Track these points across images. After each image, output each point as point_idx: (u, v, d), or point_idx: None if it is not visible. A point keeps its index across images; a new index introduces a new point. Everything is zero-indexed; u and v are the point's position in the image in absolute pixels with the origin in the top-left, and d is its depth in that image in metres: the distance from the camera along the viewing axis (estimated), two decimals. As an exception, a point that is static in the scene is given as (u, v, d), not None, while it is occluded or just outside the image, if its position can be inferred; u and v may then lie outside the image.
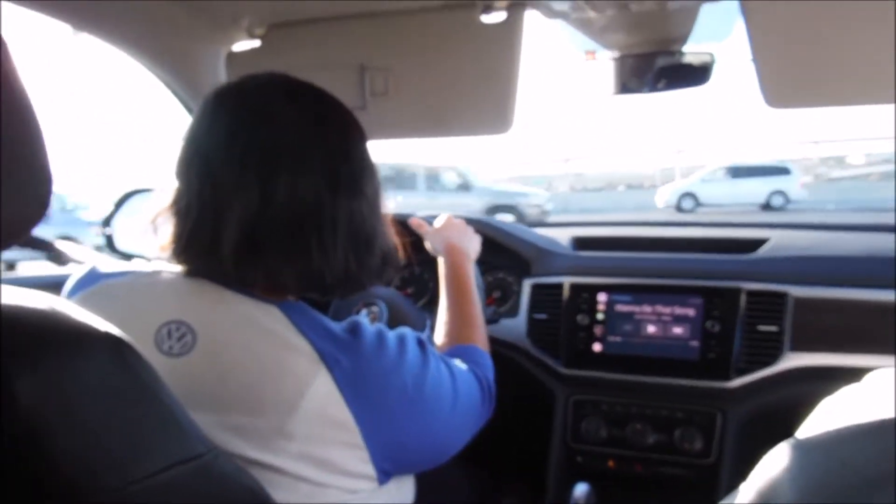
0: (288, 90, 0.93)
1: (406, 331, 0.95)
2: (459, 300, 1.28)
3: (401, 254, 1.04)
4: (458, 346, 1.15)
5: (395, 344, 0.90)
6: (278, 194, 0.85)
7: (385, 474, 0.89)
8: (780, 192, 17.14)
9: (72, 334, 0.60)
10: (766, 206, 17.10)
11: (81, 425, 0.57)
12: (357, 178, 0.92)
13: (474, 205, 13.39)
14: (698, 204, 18.00)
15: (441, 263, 1.38)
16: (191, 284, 0.90)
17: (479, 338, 1.22)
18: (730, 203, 17.22)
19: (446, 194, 14.02)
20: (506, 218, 11.59)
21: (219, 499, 0.67)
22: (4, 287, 0.63)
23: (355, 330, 0.88)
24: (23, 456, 0.54)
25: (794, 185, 17.34)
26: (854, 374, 0.55)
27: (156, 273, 0.93)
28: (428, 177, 14.86)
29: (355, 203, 0.91)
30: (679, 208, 18.26)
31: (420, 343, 0.94)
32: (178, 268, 0.91)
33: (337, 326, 0.88)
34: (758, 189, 17.31)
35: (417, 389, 0.90)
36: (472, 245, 1.44)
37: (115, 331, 0.61)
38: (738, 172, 18.23)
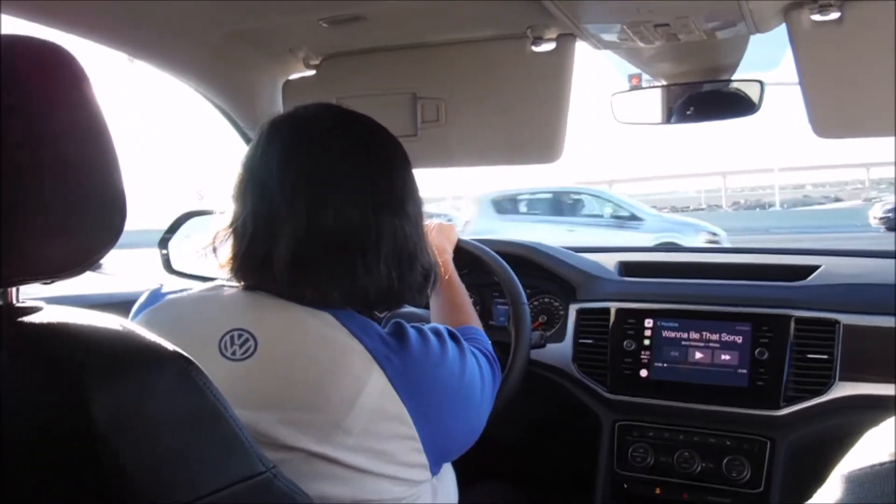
0: (337, 120, 1.01)
1: (438, 326, 1.02)
2: (445, 289, 1.35)
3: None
4: (458, 329, 1.20)
5: (435, 341, 0.97)
6: (325, 218, 0.92)
7: (435, 464, 0.95)
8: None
9: (144, 355, 0.63)
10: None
11: (153, 442, 0.60)
12: (400, 199, 0.99)
13: (643, 241, 10.80)
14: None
15: None
16: (249, 297, 0.96)
17: (470, 318, 1.30)
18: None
19: (598, 230, 11.12)
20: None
21: None
22: (76, 310, 0.67)
23: (400, 331, 0.94)
24: (97, 471, 0.57)
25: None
26: (906, 405, 0.56)
27: (217, 288, 1.00)
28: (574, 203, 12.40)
29: (398, 223, 0.97)
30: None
31: (452, 336, 1.01)
32: (236, 283, 0.98)
33: (382, 329, 0.94)
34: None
35: (459, 380, 0.98)
36: (446, 237, 1.49)
37: (183, 352, 0.64)
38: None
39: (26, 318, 0.64)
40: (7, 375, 0.60)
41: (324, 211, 0.92)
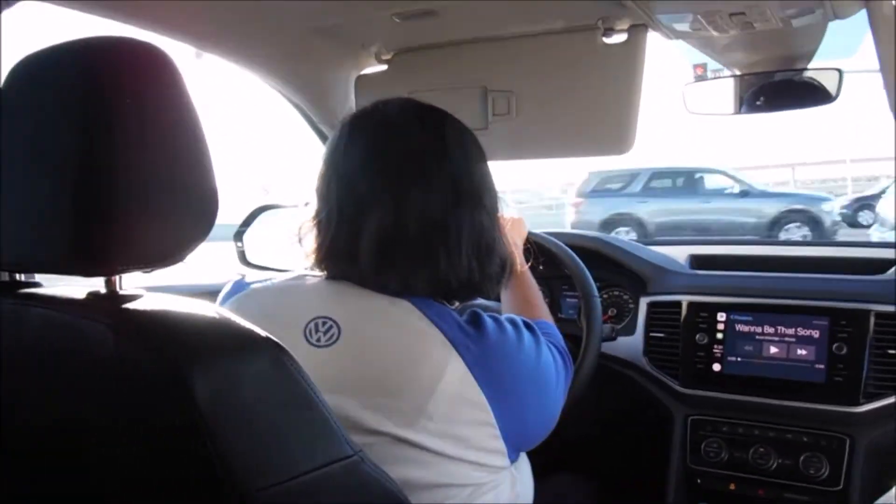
0: (417, 113, 1.03)
1: (514, 316, 1.03)
2: (517, 285, 1.36)
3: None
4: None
5: (511, 329, 0.98)
6: (409, 209, 0.94)
7: (513, 451, 0.97)
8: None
9: (240, 341, 0.66)
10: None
11: (247, 424, 0.62)
12: (478, 192, 1.01)
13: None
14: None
15: None
16: (332, 286, 1.00)
17: (543, 313, 1.30)
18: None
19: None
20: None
21: (362, 500, 0.71)
22: (171, 297, 0.70)
23: (477, 319, 0.96)
24: (192, 450, 0.59)
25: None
26: None
27: (300, 277, 1.04)
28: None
29: (477, 215, 0.99)
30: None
31: (528, 326, 1.02)
32: (319, 273, 1.02)
33: (460, 317, 0.96)
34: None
35: (535, 368, 0.99)
36: (516, 232, 1.48)
37: (275, 339, 0.67)
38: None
39: (130, 305, 0.68)
40: (114, 360, 0.64)
41: (407, 204, 0.94)
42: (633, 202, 11.53)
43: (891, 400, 1.51)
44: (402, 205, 0.95)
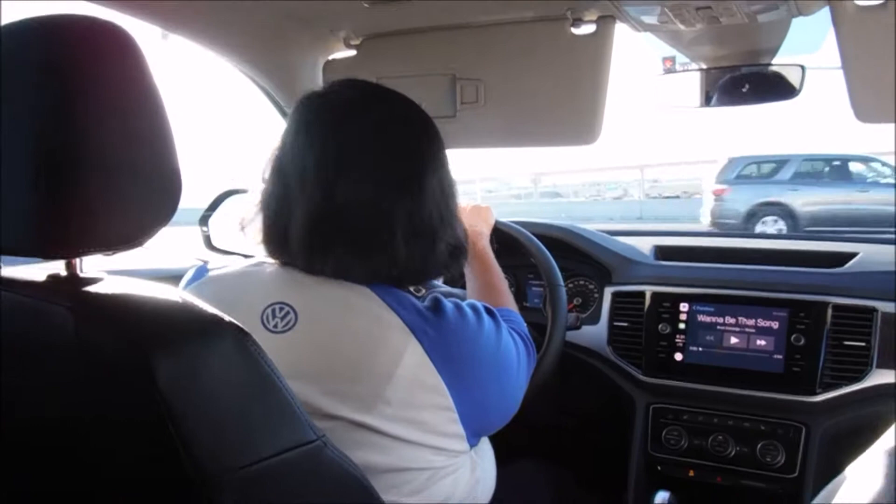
0: (361, 97, 1.02)
1: (475, 302, 1.03)
2: (482, 272, 1.37)
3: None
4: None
5: (472, 314, 0.98)
6: (339, 195, 0.93)
7: (473, 435, 0.97)
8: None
9: (203, 324, 0.65)
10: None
11: (210, 408, 0.62)
12: (419, 177, 0.98)
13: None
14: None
15: None
16: (289, 272, 0.99)
17: (507, 300, 1.31)
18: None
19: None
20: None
21: (325, 484, 0.71)
22: (135, 280, 0.70)
23: (437, 304, 0.96)
24: (155, 434, 0.59)
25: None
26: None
27: (259, 264, 1.03)
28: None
29: (417, 201, 0.97)
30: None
31: (489, 311, 1.02)
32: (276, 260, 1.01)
33: (420, 303, 0.96)
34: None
35: (495, 353, 1.00)
36: (483, 220, 1.50)
37: (239, 323, 0.66)
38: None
39: (91, 288, 0.67)
40: (75, 343, 0.63)
41: (338, 186, 0.93)
42: (783, 190, 10.59)
43: (846, 390, 1.55)
44: (332, 191, 0.93)
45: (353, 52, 1.74)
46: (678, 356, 1.70)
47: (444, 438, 0.93)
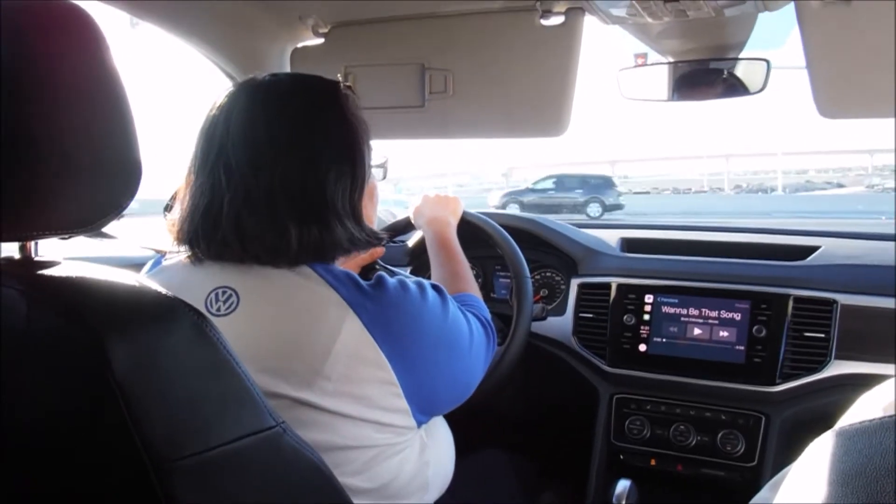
0: (289, 85, 1.03)
1: (423, 280, 1.03)
2: (447, 260, 1.38)
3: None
4: (455, 296, 1.21)
5: (416, 289, 0.99)
6: (261, 179, 0.94)
7: (419, 412, 0.98)
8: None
9: (159, 308, 0.65)
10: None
11: (166, 393, 0.61)
12: (350, 161, 1.00)
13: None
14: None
15: (426, 235, 1.48)
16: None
17: (470, 287, 1.31)
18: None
19: None
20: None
21: (284, 470, 0.71)
22: (92, 265, 0.69)
23: (379, 281, 0.97)
24: (111, 419, 0.58)
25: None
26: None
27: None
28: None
29: (345, 184, 0.99)
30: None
31: (437, 288, 1.03)
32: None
33: (362, 280, 0.96)
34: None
35: (440, 330, 1.00)
36: (450, 210, 1.52)
37: (197, 307, 0.66)
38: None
39: (46, 272, 0.66)
40: (28, 327, 0.62)
41: (271, 171, 0.94)
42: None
43: (805, 380, 1.58)
44: (266, 173, 0.94)
45: (321, 41, 1.73)
46: (642, 347, 1.72)
47: (387, 413, 0.94)
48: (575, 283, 1.85)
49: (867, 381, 1.52)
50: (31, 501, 0.64)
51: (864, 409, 0.50)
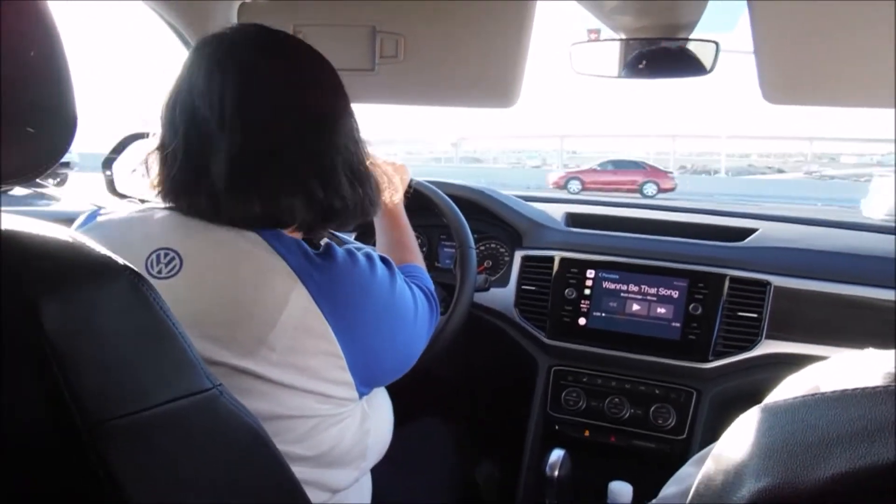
0: (264, 38, 0.99)
1: (371, 250, 1.03)
2: (392, 228, 1.38)
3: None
4: (399, 267, 1.21)
5: (364, 261, 0.98)
6: (259, 135, 0.92)
7: (362, 384, 0.97)
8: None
9: (95, 265, 0.62)
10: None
11: (99, 353, 0.59)
12: (335, 119, 0.98)
13: None
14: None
15: None
16: (180, 219, 0.96)
17: (415, 257, 1.32)
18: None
19: None
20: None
21: (220, 432, 0.70)
22: (25, 219, 0.66)
23: (328, 250, 0.96)
24: (42, 379, 0.57)
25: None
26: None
27: (149, 209, 0.99)
28: None
29: (334, 144, 0.97)
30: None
31: (385, 261, 1.02)
32: (168, 205, 0.98)
33: (311, 249, 0.95)
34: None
35: (387, 301, 0.99)
36: (398, 179, 1.49)
37: (133, 267, 0.64)
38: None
39: None
40: None
41: (254, 132, 0.91)
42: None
43: (736, 358, 1.63)
44: (250, 133, 0.91)
45: (270, -2, 1.68)
46: (582, 321, 1.75)
47: (331, 385, 0.93)
48: (519, 256, 1.86)
49: (795, 361, 1.58)
50: None
51: (789, 387, 0.51)
